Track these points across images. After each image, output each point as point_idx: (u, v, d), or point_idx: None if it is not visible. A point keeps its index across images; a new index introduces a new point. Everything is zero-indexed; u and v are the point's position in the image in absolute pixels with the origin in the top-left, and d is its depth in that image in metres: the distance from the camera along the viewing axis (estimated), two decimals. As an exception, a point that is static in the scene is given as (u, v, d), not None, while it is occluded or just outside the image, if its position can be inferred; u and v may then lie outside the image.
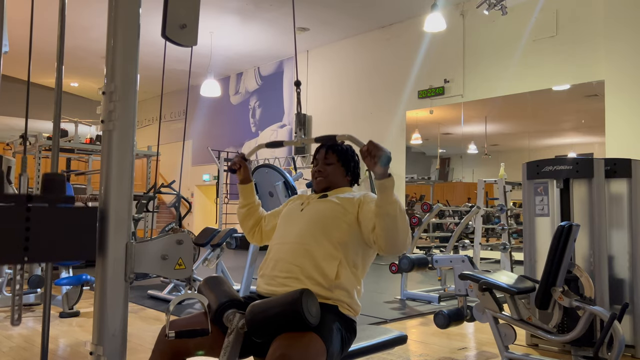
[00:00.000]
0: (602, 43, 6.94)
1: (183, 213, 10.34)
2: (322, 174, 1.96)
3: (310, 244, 1.76)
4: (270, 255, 1.85)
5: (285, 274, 1.74)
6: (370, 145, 1.61)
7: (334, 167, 1.97)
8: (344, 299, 1.73)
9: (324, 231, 1.78)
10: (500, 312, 2.83)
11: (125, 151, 1.14)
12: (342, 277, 1.73)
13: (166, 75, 12.02)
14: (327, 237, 1.77)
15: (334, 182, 1.96)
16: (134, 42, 1.16)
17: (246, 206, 2.10)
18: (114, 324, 1.11)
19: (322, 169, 1.97)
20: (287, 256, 1.77)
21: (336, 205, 1.84)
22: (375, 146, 1.60)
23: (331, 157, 1.97)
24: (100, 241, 1.13)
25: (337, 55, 10.46)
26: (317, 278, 1.70)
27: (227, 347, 1.56)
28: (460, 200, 8.91)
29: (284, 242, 1.83)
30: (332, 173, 1.96)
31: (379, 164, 1.60)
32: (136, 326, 3.81)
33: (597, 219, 3.10)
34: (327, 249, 1.75)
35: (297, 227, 1.84)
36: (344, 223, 1.80)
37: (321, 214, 1.83)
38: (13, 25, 4.43)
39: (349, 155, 2.00)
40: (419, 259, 4.63)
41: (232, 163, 2.07)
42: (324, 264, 1.72)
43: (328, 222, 1.80)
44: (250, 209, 2.10)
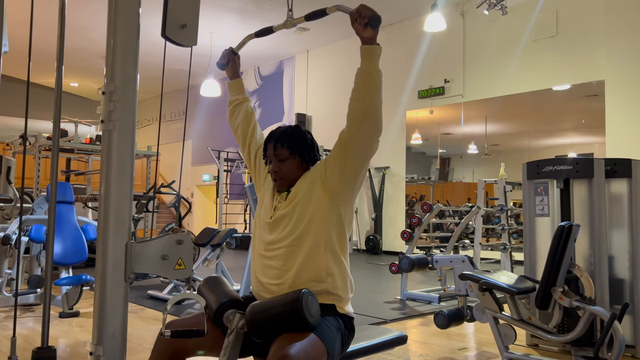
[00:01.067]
0: (602, 43, 6.94)
1: (183, 213, 10.34)
2: (279, 175, 1.79)
3: (293, 245, 1.71)
4: (256, 261, 1.81)
5: (274, 279, 1.72)
6: (361, 7, 1.57)
7: (289, 162, 1.78)
8: (337, 285, 1.70)
9: (302, 232, 1.71)
10: (501, 312, 2.83)
11: (125, 151, 1.14)
12: (329, 263, 1.70)
13: (166, 75, 12.01)
14: (306, 234, 1.71)
15: (293, 178, 1.80)
16: (134, 42, 1.16)
17: (234, 102, 2.08)
18: (114, 324, 1.11)
19: (277, 168, 1.79)
20: (274, 262, 1.73)
21: (303, 200, 1.74)
22: (365, 7, 1.56)
23: (282, 152, 1.78)
24: (100, 241, 1.13)
25: (337, 55, 10.46)
26: (308, 274, 1.68)
27: (227, 347, 1.56)
28: (460, 200, 8.91)
29: (267, 249, 1.77)
30: (288, 170, 1.78)
31: (368, 27, 1.56)
32: (136, 326, 3.81)
33: (597, 219, 3.09)
34: (309, 243, 1.70)
35: (274, 233, 1.76)
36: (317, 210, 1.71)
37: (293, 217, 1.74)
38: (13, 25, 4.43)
39: (301, 142, 1.82)
40: (419, 259, 4.63)
41: (221, 57, 2.03)
42: (310, 257, 1.69)
43: (302, 223, 1.72)
44: (237, 104, 2.08)
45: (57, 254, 4.37)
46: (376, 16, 1.56)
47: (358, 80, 1.68)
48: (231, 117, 2.09)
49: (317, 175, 1.77)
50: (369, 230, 9.81)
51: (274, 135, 1.84)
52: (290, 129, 1.86)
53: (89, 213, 7.50)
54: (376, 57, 1.63)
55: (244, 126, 2.06)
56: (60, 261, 4.39)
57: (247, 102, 2.10)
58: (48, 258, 1.20)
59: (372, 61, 1.63)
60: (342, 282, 1.73)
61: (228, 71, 2.07)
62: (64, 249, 4.43)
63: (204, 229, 5.23)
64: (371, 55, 1.62)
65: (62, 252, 4.40)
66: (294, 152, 1.80)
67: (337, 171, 1.72)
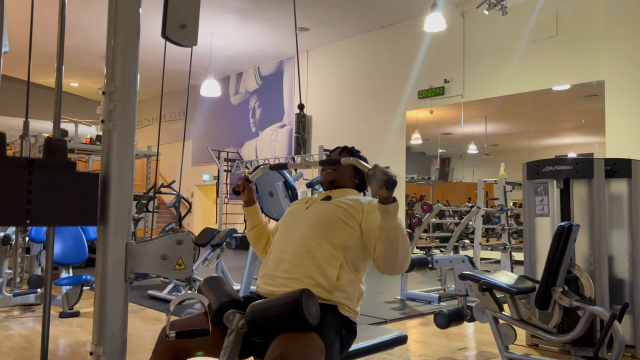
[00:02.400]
0: (602, 43, 6.94)
1: (183, 213, 10.34)
2: (333, 172, 1.99)
3: (312, 245, 1.76)
4: (272, 255, 1.85)
5: (286, 274, 1.74)
6: (376, 169, 1.61)
7: (344, 168, 1.99)
8: (344, 301, 1.73)
9: (326, 233, 1.78)
10: (500, 312, 2.83)
11: (125, 151, 1.14)
12: (343, 280, 1.73)
13: (166, 75, 12.01)
14: (329, 239, 1.77)
15: (341, 178, 1.99)
16: (134, 42, 1.16)
17: (255, 227, 2.10)
18: (114, 324, 1.11)
19: (334, 167, 2.00)
20: (289, 257, 1.77)
21: (340, 208, 1.84)
22: (381, 170, 1.61)
23: (345, 156, 2.00)
24: (100, 241, 1.13)
25: (337, 55, 10.46)
26: (318, 279, 1.70)
27: (227, 347, 1.56)
28: (460, 200, 8.91)
29: (286, 243, 1.83)
30: (341, 170, 1.99)
31: (384, 188, 1.60)
32: (136, 326, 3.81)
33: (597, 219, 3.09)
34: (329, 250, 1.75)
35: (299, 228, 1.84)
36: (347, 226, 1.80)
37: (324, 215, 1.83)
38: (13, 25, 4.43)
39: (362, 159, 2.00)
40: (419, 259, 4.63)
41: (236, 185, 2.06)
42: (326, 265, 1.72)
43: (331, 224, 1.80)
44: (259, 229, 2.10)
45: (57, 254, 4.37)
46: (392, 181, 1.60)
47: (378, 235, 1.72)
48: (257, 242, 2.12)
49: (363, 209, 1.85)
50: (369, 230, 9.79)
51: (341, 146, 2.10)
52: (356, 149, 2.09)
53: (89, 213, 7.49)
54: (393, 215, 1.67)
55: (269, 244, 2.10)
56: (60, 261, 4.39)
57: (267, 226, 2.14)
58: (48, 258, 1.21)
59: (390, 219, 1.67)
60: (351, 298, 1.76)
61: (243, 197, 2.09)
62: (64, 249, 4.43)
63: (204, 229, 5.23)
64: (388, 214, 1.66)
65: (62, 252, 4.40)
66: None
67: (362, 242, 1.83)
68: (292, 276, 1.72)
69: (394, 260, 1.72)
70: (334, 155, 2.05)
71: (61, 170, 1.04)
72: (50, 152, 1.06)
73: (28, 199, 0.99)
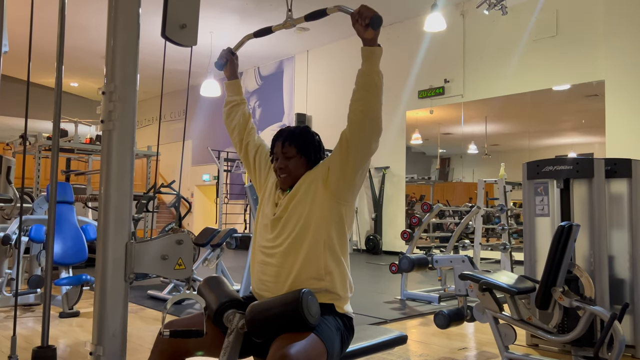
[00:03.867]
0: (602, 43, 6.94)
1: (183, 213, 10.34)
2: (285, 171, 1.82)
3: (293, 243, 1.72)
4: (256, 258, 1.82)
5: (274, 278, 1.72)
6: (362, 7, 1.57)
7: (295, 160, 1.81)
8: (335, 284, 1.71)
9: (302, 229, 1.73)
10: (501, 312, 2.83)
11: (125, 151, 1.14)
12: (329, 262, 1.71)
13: (166, 75, 12.01)
14: (307, 232, 1.72)
15: (298, 176, 1.82)
16: (134, 42, 1.16)
17: (230, 103, 2.07)
18: (114, 324, 1.11)
19: (283, 165, 1.82)
20: (273, 260, 1.74)
21: (305, 198, 1.75)
22: (366, 8, 1.56)
23: (289, 150, 1.81)
24: (100, 241, 1.13)
25: (337, 55, 10.46)
26: (307, 272, 1.69)
27: (227, 347, 1.56)
28: (460, 200, 8.91)
29: (268, 247, 1.78)
30: (294, 167, 1.81)
31: (369, 28, 1.56)
32: (136, 326, 3.81)
33: (597, 219, 3.09)
34: (309, 241, 1.71)
35: (276, 231, 1.78)
36: (313, 209, 1.73)
37: (295, 215, 1.75)
38: (13, 25, 4.43)
39: (308, 142, 1.85)
40: (419, 259, 4.63)
41: (220, 57, 2.02)
42: (311, 254, 1.70)
43: (304, 220, 1.73)
44: (235, 106, 2.06)
45: (57, 254, 4.37)
46: (377, 17, 1.56)
47: (359, 82, 1.69)
48: (227, 117, 2.09)
49: (319, 174, 1.78)
50: (369, 230, 9.81)
51: (282, 133, 1.87)
52: (299, 129, 1.89)
53: (89, 213, 7.50)
54: (377, 58, 1.64)
55: (240, 128, 2.06)
56: (60, 261, 4.39)
57: (244, 104, 2.10)
58: (48, 258, 1.20)
59: (373, 62, 1.64)
60: (341, 282, 1.73)
61: (226, 71, 2.07)
62: (64, 249, 4.43)
63: (204, 229, 5.23)
64: (372, 56, 1.63)
65: (62, 252, 4.40)
66: (300, 151, 1.83)
67: (337, 170, 1.74)
68: (281, 279, 1.71)
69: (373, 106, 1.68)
70: (278, 152, 1.83)
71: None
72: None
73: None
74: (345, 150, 1.72)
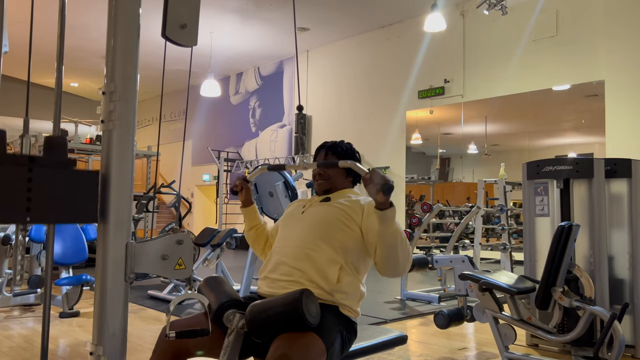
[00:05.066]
0: (602, 43, 6.94)
1: (183, 213, 10.33)
2: (323, 177, 1.94)
3: (312, 247, 1.75)
4: (272, 258, 1.85)
5: (286, 277, 1.74)
6: (373, 174, 1.60)
7: (335, 169, 1.94)
8: (345, 302, 1.73)
9: (325, 235, 1.77)
10: (500, 312, 2.83)
11: (125, 151, 1.14)
12: (344, 281, 1.73)
13: (166, 75, 12.00)
14: (328, 241, 1.76)
15: (335, 184, 1.94)
16: (134, 42, 1.16)
17: (253, 228, 2.09)
18: (114, 324, 1.11)
19: (323, 171, 1.94)
20: (289, 260, 1.76)
21: (339, 210, 1.83)
22: (378, 175, 1.59)
23: (331, 159, 1.96)
24: (100, 241, 1.13)
25: (337, 55, 10.46)
26: (319, 282, 1.70)
27: (227, 347, 1.56)
28: (460, 200, 8.91)
29: (286, 246, 1.82)
30: (333, 175, 1.94)
31: (380, 193, 1.58)
32: (136, 326, 3.81)
33: (597, 219, 3.09)
34: (329, 253, 1.74)
35: (298, 230, 1.83)
36: (346, 228, 1.79)
37: (323, 218, 1.82)
38: (13, 25, 4.44)
39: (350, 156, 2.00)
40: (419, 259, 4.63)
41: (234, 185, 2.05)
42: (326, 267, 1.72)
43: (330, 226, 1.79)
44: (258, 230, 2.08)
45: (57, 254, 4.37)
46: (389, 186, 1.58)
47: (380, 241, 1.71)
48: (254, 243, 2.10)
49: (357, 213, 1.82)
50: (369, 230, 9.79)
51: (326, 144, 2.01)
52: (341, 142, 2.02)
53: (89, 213, 7.49)
54: (391, 220, 1.66)
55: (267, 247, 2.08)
56: (60, 261, 4.39)
57: (265, 226, 2.12)
58: (48, 258, 1.20)
59: (388, 224, 1.66)
60: (351, 299, 1.76)
61: (241, 197, 2.06)
62: (64, 249, 4.43)
63: (204, 229, 5.23)
64: (385, 219, 1.65)
65: (62, 252, 4.40)
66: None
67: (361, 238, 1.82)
68: (292, 279, 1.72)
69: (394, 264, 1.72)
70: (320, 159, 1.99)
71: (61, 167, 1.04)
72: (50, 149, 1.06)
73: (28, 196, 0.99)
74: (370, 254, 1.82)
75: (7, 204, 0.98)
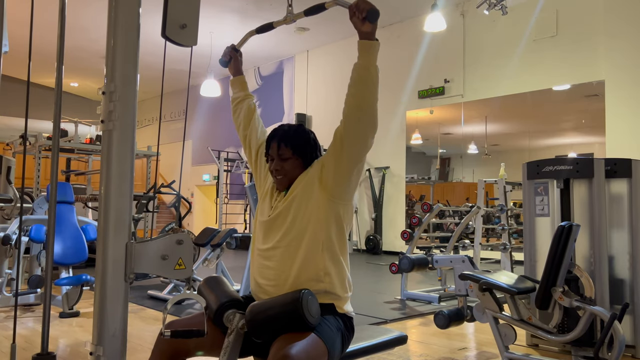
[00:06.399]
0: (602, 43, 6.94)
1: (183, 213, 10.34)
2: (281, 172, 1.78)
3: (290, 245, 1.71)
4: (255, 261, 1.81)
5: (273, 282, 1.71)
6: (359, 0, 1.55)
7: (291, 162, 1.78)
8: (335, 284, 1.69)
9: (299, 232, 1.71)
10: (501, 312, 2.83)
11: (125, 151, 1.14)
12: (328, 263, 1.69)
13: (166, 75, 12.01)
14: (304, 235, 1.70)
15: (294, 176, 1.79)
16: (134, 42, 1.16)
17: (236, 99, 2.07)
18: (114, 324, 1.11)
19: (279, 166, 1.79)
20: (272, 263, 1.73)
21: (300, 201, 1.73)
22: (364, 0, 1.54)
23: (285, 152, 1.78)
24: (100, 241, 1.13)
25: (337, 55, 10.46)
26: (306, 274, 1.67)
27: (227, 347, 1.56)
28: (460, 200, 8.91)
29: (265, 249, 1.77)
30: (290, 169, 1.78)
31: (367, 21, 1.54)
32: (136, 326, 3.81)
33: (597, 219, 3.09)
34: (307, 243, 1.69)
35: (273, 233, 1.76)
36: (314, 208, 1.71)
37: (291, 218, 1.73)
38: (13, 25, 4.44)
39: (303, 142, 1.81)
40: (419, 259, 4.63)
41: (223, 54, 2.02)
42: (309, 256, 1.68)
43: (300, 224, 1.71)
44: (240, 101, 2.06)
45: (57, 254, 4.37)
46: (374, 10, 1.54)
47: (355, 76, 1.67)
48: (234, 114, 2.08)
49: (315, 173, 1.75)
50: (369, 230, 9.81)
51: (276, 133, 1.81)
52: (293, 128, 1.83)
53: (89, 213, 7.50)
54: (374, 52, 1.62)
55: (245, 122, 2.03)
56: (60, 261, 4.39)
57: (249, 99, 2.08)
58: (48, 258, 1.20)
59: (370, 56, 1.62)
60: (340, 282, 1.72)
61: (230, 68, 2.06)
62: (64, 249, 4.43)
63: (204, 229, 5.23)
64: (369, 50, 1.61)
65: (62, 252, 4.40)
66: (296, 152, 1.78)
67: (333, 168, 1.71)
68: (279, 282, 1.69)
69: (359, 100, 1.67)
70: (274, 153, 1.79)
71: None
72: None
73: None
74: (339, 147, 1.69)
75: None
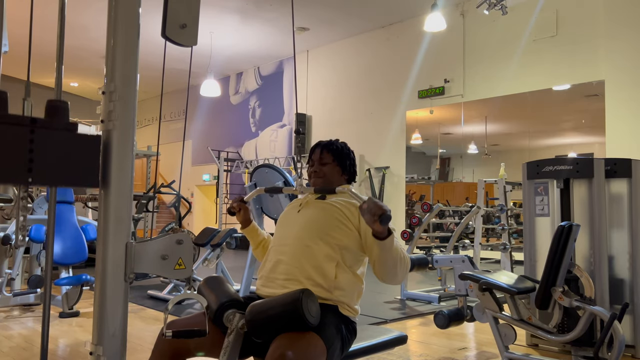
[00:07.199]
0: (602, 43, 6.94)
1: (183, 213, 10.33)
2: (319, 174, 1.94)
3: (309, 245, 1.75)
4: (269, 257, 1.85)
5: (284, 275, 1.74)
6: (370, 203, 1.55)
7: (330, 167, 1.94)
8: (343, 299, 1.73)
9: (321, 232, 1.77)
10: (501, 312, 2.83)
11: (125, 151, 1.14)
12: (341, 278, 1.73)
13: (166, 75, 12.01)
14: (324, 238, 1.76)
15: (331, 182, 1.94)
16: (134, 42, 1.16)
17: (259, 245, 2.09)
18: (114, 324, 1.11)
19: (318, 169, 1.94)
20: (286, 258, 1.76)
21: (334, 208, 1.82)
22: (375, 204, 1.54)
23: (326, 157, 1.95)
24: (100, 241, 1.13)
25: (337, 55, 10.46)
26: (317, 279, 1.70)
27: (227, 347, 1.56)
28: (460, 200, 8.91)
29: (283, 244, 1.82)
30: (328, 173, 1.94)
31: (378, 222, 1.54)
32: (136, 326, 3.81)
33: (597, 219, 3.09)
34: (325, 250, 1.74)
35: (295, 228, 1.83)
36: (342, 226, 1.79)
37: (319, 215, 1.82)
38: (13, 25, 4.44)
39: (345, 154, 1.98)
40: (419, 259, 4.63)
41: (231, 206, 2.04)
42: (323, 265, 1.72)
43: (326, 224, 1.79)
44: (264, 245, 2.08)
45: (57, 254, 4.37)
46: (386, 215, 1.53)
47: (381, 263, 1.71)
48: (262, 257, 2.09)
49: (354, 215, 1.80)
50: (369, 230, 9.79)
51: (321, 143, 2.01)
52: (336, 141, 2.02)
53: (89, 213, 7.50)
54: (390, 246, 1.64)
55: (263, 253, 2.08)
56: (60, 261, 4.39)
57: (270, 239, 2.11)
58: (48, 258, 1.20)
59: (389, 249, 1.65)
60: (350, 296, 1.75)
61: (239, 218, 2.06)
62: (64, 249, 4.43)
63: (204, 229, 5.23)
64: (385, 246, 1.64)
65: (62, 252, 4.40)
66: (337, 159, 1.95)
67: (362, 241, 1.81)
68: (290, 277, 1.72)
69: (392, 277, 1.73)
70: (315, 158, 1.96)
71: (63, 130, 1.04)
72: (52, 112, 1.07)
73: (30, 157, 0.99)
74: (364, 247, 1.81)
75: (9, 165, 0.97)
